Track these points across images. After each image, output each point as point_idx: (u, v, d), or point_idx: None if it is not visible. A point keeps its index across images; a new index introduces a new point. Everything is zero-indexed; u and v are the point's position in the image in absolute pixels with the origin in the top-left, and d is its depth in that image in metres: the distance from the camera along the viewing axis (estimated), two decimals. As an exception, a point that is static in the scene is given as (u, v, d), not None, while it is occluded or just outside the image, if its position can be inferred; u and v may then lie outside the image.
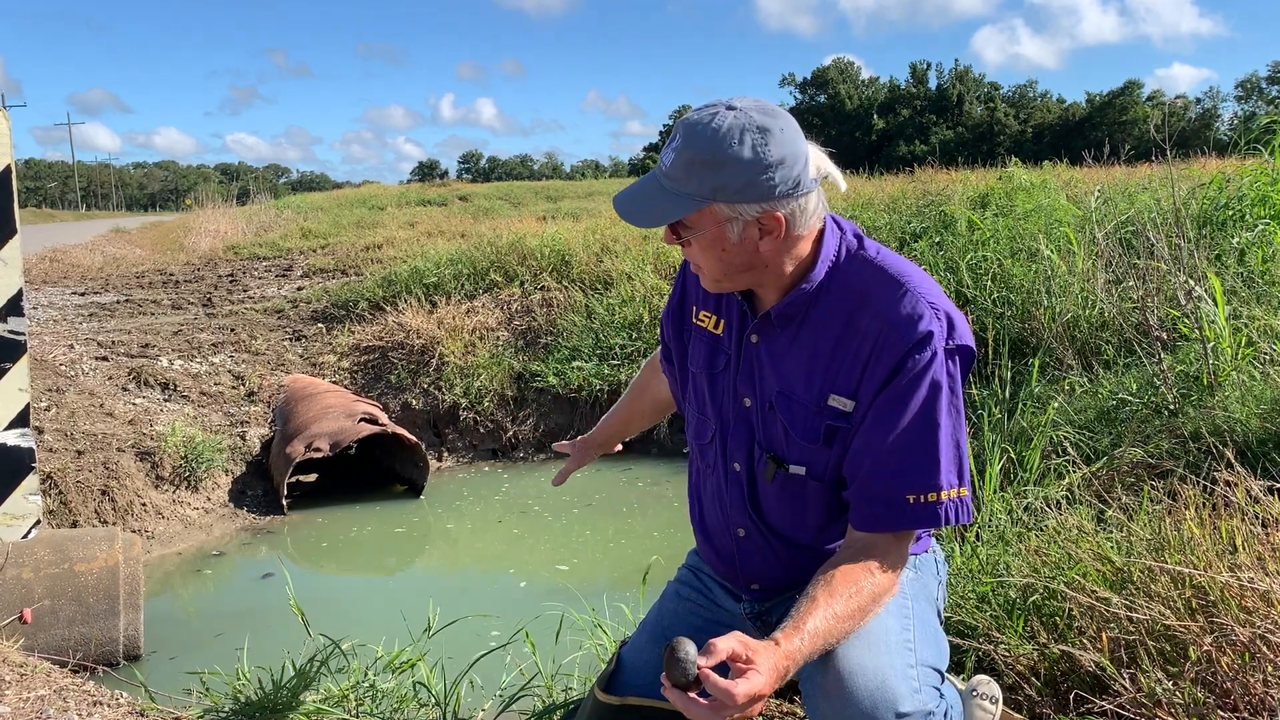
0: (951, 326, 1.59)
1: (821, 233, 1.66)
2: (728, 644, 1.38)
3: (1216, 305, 4.43)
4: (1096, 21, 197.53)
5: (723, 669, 1.38)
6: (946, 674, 1.71)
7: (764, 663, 1.38)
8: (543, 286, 9.57)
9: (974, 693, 1.96)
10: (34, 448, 4.01)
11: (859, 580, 1.52)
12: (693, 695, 1.36)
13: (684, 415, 1.97)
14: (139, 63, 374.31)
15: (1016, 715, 2.12)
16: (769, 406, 1.71)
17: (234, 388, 8.16)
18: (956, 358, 1.59)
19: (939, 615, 1.79)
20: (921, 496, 1.56)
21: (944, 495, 1.56)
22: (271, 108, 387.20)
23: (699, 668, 1.35)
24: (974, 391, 5.26)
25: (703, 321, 1.85)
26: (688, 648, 1.36)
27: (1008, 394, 4.83)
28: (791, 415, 1.68)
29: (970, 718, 1.90)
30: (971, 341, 1.61)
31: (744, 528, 1.80)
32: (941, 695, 1.60)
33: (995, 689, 1.99)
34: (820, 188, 1.62)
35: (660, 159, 1.59)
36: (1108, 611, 2.18)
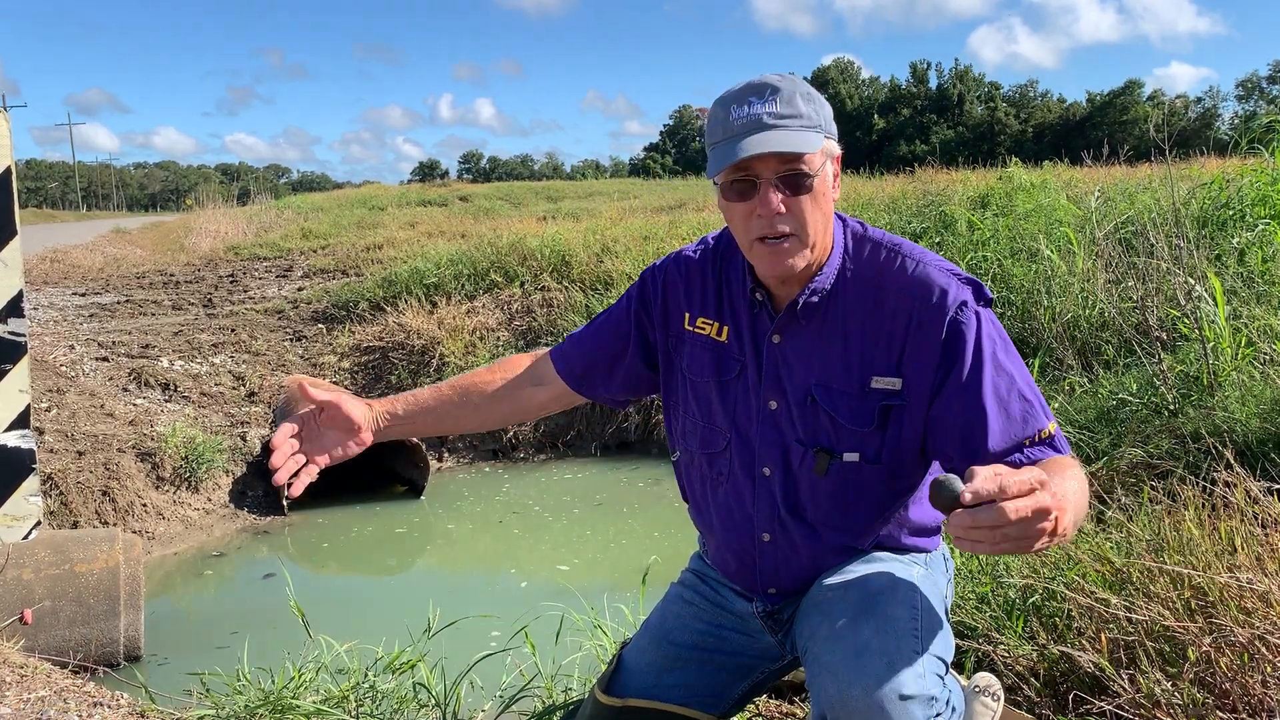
0: (976, 285, 1.67)
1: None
2: (987, 469, 1.29)
3: (1216, 305, 4.43)
4: (1094, 20, 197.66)
5: None
6: (950, 669, 1.72)
7: (1035, 470, 1.29)
8: (543, 287, 9.57)
9: (976, 689, 1.96)
10: (35, 449, 4.01)
11: (1066, 468, 1.50)
12: (973, 510, 1.24)
13: (671, 425, 1.92)
14: (135, 63, 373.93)
15: (1018, 712, 2.12)
16: (808, 401, 1.70)
17: (234, 388, 8.16)
18: (990, 310, 1.67)
19: (946, 611, 1.80)
20: (1037, 435, 1.59)
21: (1048, 431, 1.59)
22: (269, 108, 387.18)
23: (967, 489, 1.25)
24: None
25: (702, 328, 1.82)
26: (951, 475, 1.29)
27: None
28: (836, 404, 1.68)
29: (972, 714, 1.90)
30: (990, 293, 1.69)
31: (770, 532, 1.78)
32: (945, 685, 1.61)
33: (997, 686, 1.99)
34: None
35: (752, 114, 1.57)
36: (1107, 612, 2.18)
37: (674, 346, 1.87)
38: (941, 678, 1.59)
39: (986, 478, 1.25)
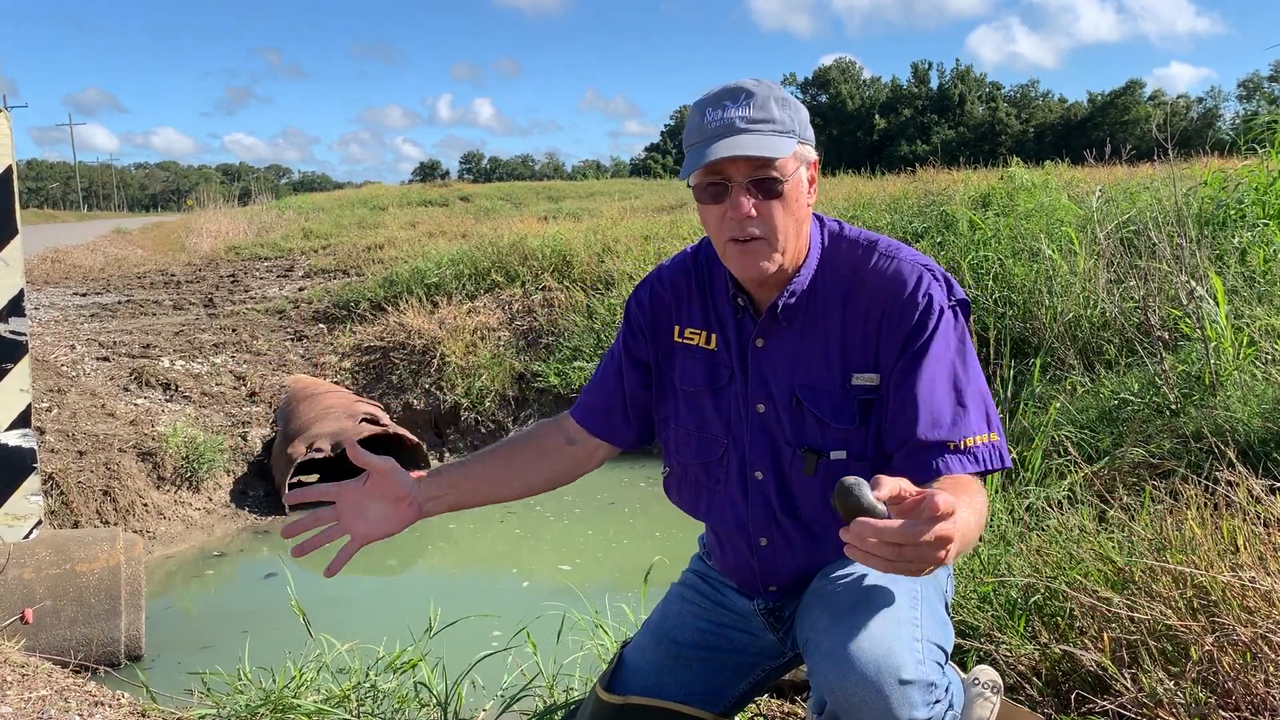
0: (950, 285, 1.67)
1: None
2: (895, 480, 1.26)
3: (1218, 305, 4.42)
4: (1094, 20, 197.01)
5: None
6: (950, 661, 1.73)
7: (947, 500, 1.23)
8: (544, 286, 9.57)
9: (975, 682, 1.96)
10: (35, 448, 4.01)
11: (971, 492, 1.50)
12: (877, 522, 1.21)
13: (665, 439, 1.92)
14: (132, 63, 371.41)
15: (1017, 705, 2.12)
16: (793, 403, 1.71)
17: (235, 388, 8.16)
18: (959, 311, 1.67)
19: (947, 606, 1.81)
20: (961, 443, 1.60)
21: (979, 439, 1.61)
22: (267, 108, 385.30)
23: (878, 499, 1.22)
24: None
25: (691, 339, 1.83)
26: (859, 480, 1.24)
27: (1009, 394, 4.83)
28: (820, 404, 1.69)
29: (971, 706, 1.91)
30: (965, 295, 1.70)
31: (767, 536, 1.78)
32: (944, 673, 1.62)
33: (996, 678, 1.99)
34: None
35: (725, 118, 1.58)
36: (1109, 611, 2.18)
37: (664, 360, 1.87)
38: (941, 666, 1.60)
39: (895, 490, 1.24)
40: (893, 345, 1.64)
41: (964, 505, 1.34)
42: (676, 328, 1.85)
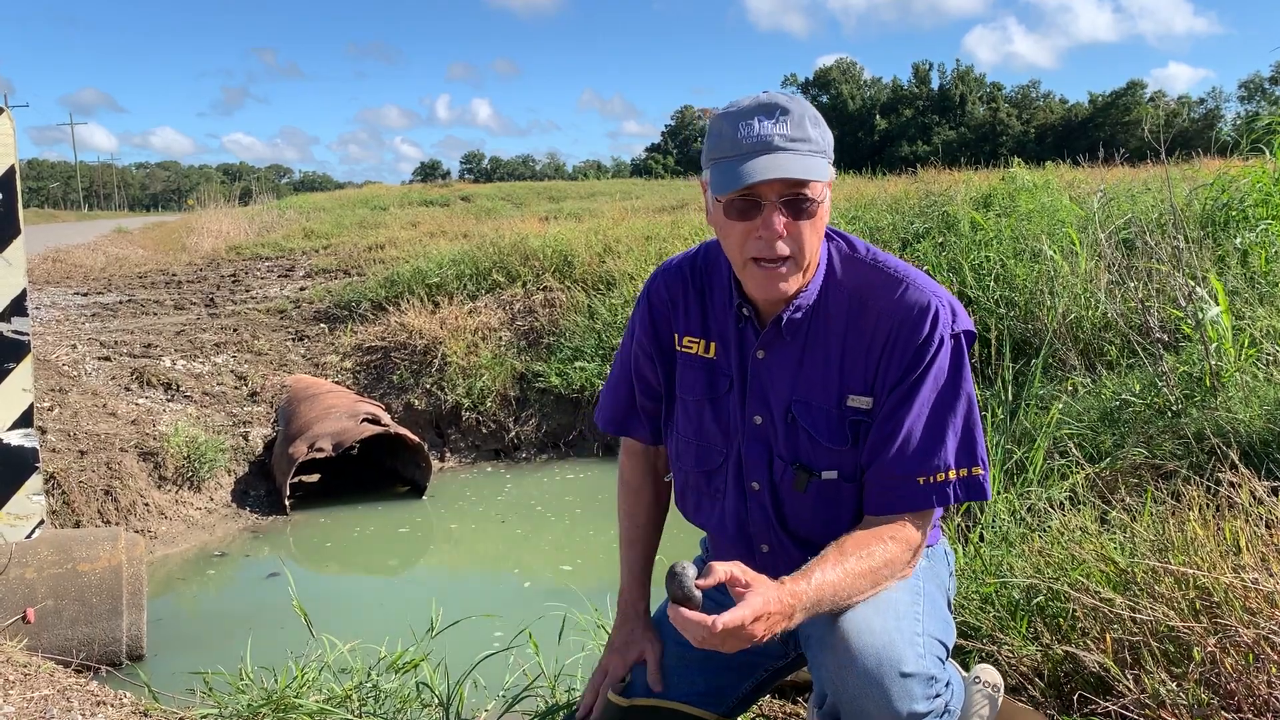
0: (954, 313, 1.66)
1: None
2: (726, 568, 1.44)
3: (1219, 306, 4.42)
4: (1091, 20, 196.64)
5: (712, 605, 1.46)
6: (951, 659, 1.73)
7: (760, 591, 1.43)
8: (545, 287, 9.57)
9: (977, 680, 1.97)
10: (37, 448, 4.01)
11: (871, 545, 1.58)
12: (687, 612, 1.42)
13: (668, 448, 1.92)
14: (129, 63, 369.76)
15: (1019, 704, 2.12)
16: (788, 418, 1.71)
17: (236, 388, 8.17)
18: (961, 341, 1.66)
19: (949, 604, 1.82)
20: (931, 477, 1.62)
21: (951, 475, 1.63)
22: (265, 108, 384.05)
23: (697, 585, 1.44)
24: (977, 392, 5.25)
25: (689, 347, 1.83)
26: (687, 567, 1.45)
27: (1010, 395, 4.81)
28: (814, 421, 1.69)
29: (971, 703, 1.91)
30: (971, 325, 1.69)
31: (768, 544, 1.79)
32: (945, 668, 1.63)
33: (997, 678, 2.00)
34: None
35: (761, 134, 1.55)
36: (1111, 612, 2.18)
37: (670, 368, 1.88)
38: (941, 661, 1.61)
39: (724, 577, 1.43)
40: (890, 372, 1.64)
41: (822, 568, 1.51)
42: (676, 335, 1.85)
